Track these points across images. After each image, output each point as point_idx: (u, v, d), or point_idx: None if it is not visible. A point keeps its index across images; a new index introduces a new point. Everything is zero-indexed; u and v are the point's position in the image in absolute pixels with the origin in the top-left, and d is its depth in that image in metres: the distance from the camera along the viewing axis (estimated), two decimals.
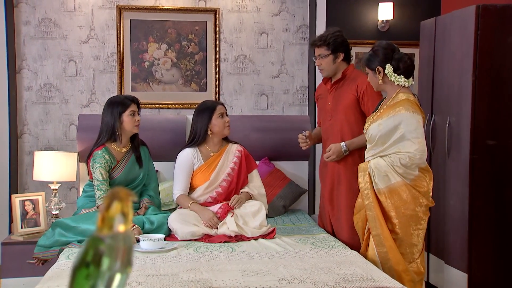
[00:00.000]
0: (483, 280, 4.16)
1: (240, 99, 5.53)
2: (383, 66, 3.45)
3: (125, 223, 0.71)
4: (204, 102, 4.15)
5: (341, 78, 3.98)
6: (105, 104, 4.01)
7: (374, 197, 3.41)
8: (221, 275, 2.93)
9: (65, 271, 3.05)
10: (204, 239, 3.74)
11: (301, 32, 5.58)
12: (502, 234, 4.17)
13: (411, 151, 3.31)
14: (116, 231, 0.70)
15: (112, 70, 5.38)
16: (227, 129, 4.04)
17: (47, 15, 5.27)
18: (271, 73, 5.57)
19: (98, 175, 3.80)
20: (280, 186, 4.59)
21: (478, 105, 4.09)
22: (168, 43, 5.43)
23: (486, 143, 4.11)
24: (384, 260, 3.37)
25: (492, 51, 4.10)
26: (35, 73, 5.28)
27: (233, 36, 5.51)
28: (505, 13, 4.11)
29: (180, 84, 5.47)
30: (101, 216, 0.69)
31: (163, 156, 4.48)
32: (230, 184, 4.03)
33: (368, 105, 3.87)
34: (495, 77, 4.11)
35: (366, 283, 2.80)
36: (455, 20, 4.33)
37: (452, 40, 4.33)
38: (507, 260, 4.19)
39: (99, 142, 3.93)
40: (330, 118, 4.02)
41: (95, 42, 5.35)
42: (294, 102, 5.58)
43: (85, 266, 0.67)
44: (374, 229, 3.40)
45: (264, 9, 5.53)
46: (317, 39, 4.00)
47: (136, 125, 3.93)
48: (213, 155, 4.06)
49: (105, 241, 0.68)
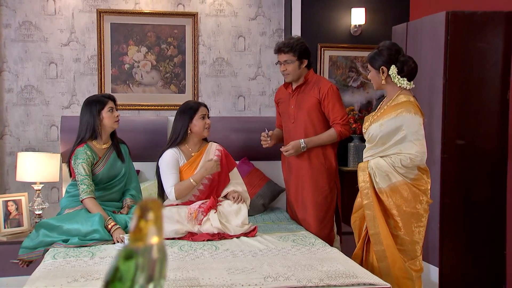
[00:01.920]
0: (453, 274, 4.19)
1: (218, 100, 5.48)
2: (387, 67, 3.35)
3: (158, 234, 0.67)
4: (187, 102, 4.09)
5: (303, 83, 4.08)
6: (83, 105, 3.92)
7: (374, 196, 3.33)
8: (207, 273, 2.89)
9: (52, 271, 2.96)
10: (188, 237, 3.69)
11: (277, 36, 5.55)
12: (471, 230, 4.20)
13: (412, 153, 3.24)
14: (149, 243, 0.66)
15: (93, 72, 5.28)
16: (206, 131, 3.99)
17: (27, 18, 5.15)
18: (248, 75, 5.54)
19: (81, 170, 3.71)
20: (260, 185, 4.56)
21: (449, 107, 4.12)
22: (147, 46, 5.35)
23: (455, 143, 4.14)
24: (380, 258, 3.30)
25: (462, 55, 4.13)
26: (16, 75, 5.15)
27: (211, 40, 5.45)
28: (472, 19, 4.14)
29: (159, 86, 5.40)
30: (134, 228, 0.64)
31: (145, 156, 4.41)
32: (212, 182, 3.99)
33: (328, 107, 4.01)
34: (464, 80, 4.14)
35: (348, 280, 2.78)
36: (426, 26, 4.35)
37: (423, 44, 4.34)
38: (476, 254, 4.22)
39: (79, 141, 3.84)
40: (293, 120, 4.10)
41: (75, 45, 5.24)
42: (270, 104, 5.55)
43: (119, 280, 0.63)
44: (372, 228, 3.32)
45: (241, 14, 5.48)
46: (284, 45, 4.02)
47: (116, 120, 3.86)
48: (194, 154, 4.01)
49: (138, 253, 0.64)
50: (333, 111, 3.98)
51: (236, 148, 4.50)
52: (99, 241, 3.51)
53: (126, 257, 0.63)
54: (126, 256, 0.63)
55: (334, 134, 3.98)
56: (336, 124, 3.98)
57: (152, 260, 0.65)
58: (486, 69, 4.16)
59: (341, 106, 4.02)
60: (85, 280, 2.79)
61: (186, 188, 3.87)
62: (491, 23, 4.15)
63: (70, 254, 3.30)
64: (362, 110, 5.46)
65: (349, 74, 5.46)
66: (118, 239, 3.52)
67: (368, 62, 3.44)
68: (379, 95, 5.46)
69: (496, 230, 4.23)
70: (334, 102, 3.98)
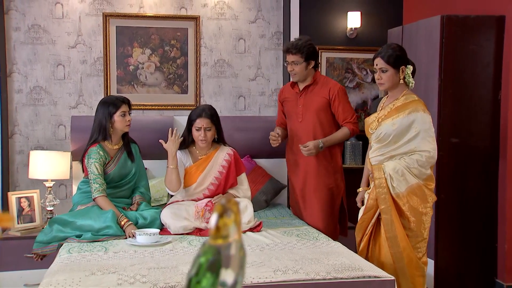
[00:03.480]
0: (448, 266, 4.24)
1: (219, 100, 5.50)
2: (406, 66, 3.32)
3: (237, 233, 0.69)
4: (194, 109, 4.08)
5: (312, 83, 4.05)
6: (98, 104, 3.93)
7: (391, 201, 3.25)
8: None
9: (69, 265, 2.98)
10: (195, 232, 3.71)
11: (276, 38, 5.58)
12: (465, 225, 4.26)
13: (428, 150, 3.21)
14: (231, 240, 0.68)
15: (99, 74, 5.28)
16: (201, 142, 3.95)
17: (36, 22, 5.14)
18: (248, 76, 5.55)
19: (93, 169, 3.73)
20: (262, 182, 4.59)
21: (443, 107, 4.16)
22: (151, 48, 5.36)
23: (450, 141, 4.19)
24: (398, 260, 3.26)
25: (456, 57, 4.18)
26: (25, 76, 5.14)
27: (212, 42, 5.47)
28: (466, 23, 4.19)
29: (163, 87, 5.41)
30: (215, 227, 0.67)
31: (152, 155, 4.42)
32: (218, 188, 3.97)
33: (339, 107, 3.99)
34: (458, 81, 4.19)
35: (354, 273, 2.81)
36: (421, 29, 4.39)
37: (419, 46, 4.39)
38: (469, 248, 4.28)
39: (92, 140, 3.86)
40: (301, 119, 4.06)
41: (82, 47, 5.24)
42: (269, 103, 5.58)
43: (203, 275, 0.65)
44: (389, 231, 3.26)
45: (241, 17, 5.50)
46: (292, 46, 3.99)
47: (127, 124, 3.87)
48: (201, 157, 4.01)
49: (221, 250, 0.66)
50: (344, 111, 3.99)
51: (239, 146, 4.51)
52: (111, 236, 3.53)
53: (208, 254, 0.66)
54: (209, 253, 0.66)
55: (348, 132, 3.99)
56: (347, 123, 3.98)
57: (233, 257, 0.67)
58: (478, 71, 4.21)
59: (350, 106, 4.05)
60: (102, 273, 2.81)
61: (169, 176, 3.86)
62: (483, 26, 4.20)
63: (84, 249, 3.32)
64: (358, 110, 5.49)
65: (345, 75, 5.49)
66: (130, 235, 3.54)
67: (387, 60, 3.29)
68: (374, 96, 5.49)
69: (488, 224, 4.28)
70: (345, 102, 4.00)
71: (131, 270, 2.85)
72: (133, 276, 2.75)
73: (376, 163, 3.38)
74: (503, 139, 4.20)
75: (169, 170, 3.86)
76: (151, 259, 3.09)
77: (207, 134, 3.91)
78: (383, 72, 3.33)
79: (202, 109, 3.97)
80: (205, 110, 3.96)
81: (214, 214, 0.68)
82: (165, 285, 2.65)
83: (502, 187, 4.23)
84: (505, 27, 4.18)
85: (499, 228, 4.27)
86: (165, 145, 3.88)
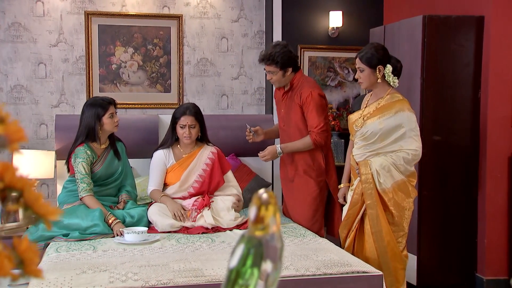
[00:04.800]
0: (430, 261, 4.32)
1: (202, 99, 5.51)
2: (384, 66, 3.35)
3: (277, 224, 0.72)
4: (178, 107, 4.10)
5: (290, 88, 3.98)
6: (84, 106, 3.92)
7: (377, 196, 3.31)
8: (209, 264, 2.93)
9: (59, 264, 2.97)
10: (183, 230, 3.72)
11: (259, 37, 5.61)
12: (446, 221, 4.34)
13: (415, 148, 3.29)
14: (271, 232, 0.71)
15: (81, 72, 5.25)
16: (185, 139, 3.98)
17: (16, 20, 5.09)
18: (231, 75, 5.58)
19: (81, 169, 3.73)
20: (247, 180, 4.61)
21: (425, 105, 4.24)
22: (134, 47, 5.35)
23: (432, 139, 4.27)
24: (382, 254, 3.32)
25: (437, 57, 4.25)
26: (6, 75, 5.09)
27: (195, 41, 5.48)
28: (447, 22, 4.27)
29: (146, 86, 5.40)
30: (255, 218, 0.69)
31: (137, 154, 4.41)
32: (202, 185, 3.97)
33: (306, 114, 3.87)
34: (440, 80, 4.27)
35: (343, 268, 2.86)
36: (403, 28, 4.46)
37: (401, 46, 4.46)
38: (450, 243, 4.36)
39: (79, 141, 3.85)
40: (283, 124, 4.07)
41: (64, 45, 5.21)
42: (252, 102, 5.61)
43: (244, 266, 0.67)
44: (375, 226, 3.32)
45: (224, 16, 5.52)
46: (266, 57, 3.87)
47: (115, 125, 3.88)
48: (185, 156, 4.03)
49: (263, 242, 0.69)
50: (309, 119, 3.85)
51: (224, 144, 4.53)
52: (99, 234, 3.53)
53: (250, 245, 0.68)
54: (250, 244, 0.68)
55: (309, 141, 3.84)
56: (311, 132, 3.83)
57: (273, 249, 0.70)
58: (459, 70, 4.29)
59: (318, 114, 3.82)
60: (93, 272, 2.81)
61: (155, 198, 3.93)
62: (463, 26, 4.29)
63: (73, 248, 3.31)
64: (340, 108, 5.56)
65: (327, 74, 5.55)
66: (118, 233, 3.54)
67: (363, 61, 3.35)
68: (355, 94, 5.56)
69: (468, 220, 4.37)
70: (312, 109, 3.81)
71: (122, 268, 2.86)
72: (124, 274, 2.76)
73: (361, 160, 3.43)
74: (483, 137, 4.29)
75: (158, 199, 3.91)
76: (141, 257, 3.10)
77: (191, 131, 3.94)
78: (361, 72, 3.40)
79: (186, 107, 4.00)
80: (189, 108, 3.99)
81: (253, 206, 0.71)
82: (157, 283, 2.67)
83: (482, 184, 4.33)
84: (484, 27, 4.27)
85: (479, 224, 4.36)
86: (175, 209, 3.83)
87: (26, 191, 0.72)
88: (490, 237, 4.30)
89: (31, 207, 0.73)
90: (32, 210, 0.73)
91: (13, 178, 0.72)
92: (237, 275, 0.67)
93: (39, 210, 0.72)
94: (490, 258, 4.31)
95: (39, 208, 0.72)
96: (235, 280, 0.67)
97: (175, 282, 2.68)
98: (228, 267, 0.69)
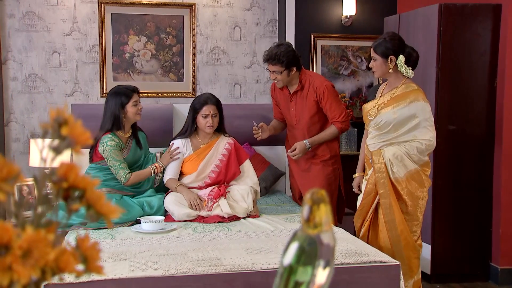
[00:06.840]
0: (444, 250, 4.32)
1: (215, 88, 5.51)
2: (396, 56, 3.34)
3: (330, 222, 0.72)
4: (197, 98, 4.10)
5: (300, 88, 4.02)
6: (109, 95, 3.95)
7: (390, 185, 3.32)
8: (227, 253, 2.95)
9: None
10: (199, 219, 3.74)
11: (271, 26, 5.59)
12: (461, 210, 4.34)
13: (427, 138, 3.29)
14: (324, 230, 0.71)
15: (95, 61, 5.26)
16: (208, 128, 3.98)
17: (31, 9, 5.10)
18: (243, 64, 5.57)
19: (114, 157, 3.77)
20: (261, 169, 4.62)
21: (441, 94, 4.22)
22: (147, 36, 5.34)
23: (447, 128, 4.25)
24: (395, 243, 3.34)
25: (453, 46, 4.23)
26: (21, 64, 5.11)
27: (208, 29, 5.47)
28: (464, 11, 4.24)
29: (159, 74, 5.40)
30: (307, 217, 0.70)
31: (152, 143, 4.43)
32: (218, 175, 3.99)
33: (326, 107, 3.97)
34: (456, 69, 4.25)
35: (361, 258, 2.87)
36: (419, 17, 4.43)
37: (416, 35, 4.43)
38: (464, 232, 4.36)
39: (104, 129, 3.86)
40: (295, 122, 4.10)
41: (77, 34, 5.22)
42: (265, 91, 5.60)
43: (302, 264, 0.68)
44: (388, 215, 3.34)
45: (236, 4, 5.50)
46: (271, 57, 3.92)
47: (138, 113, 3.90)
48: (202, 146, 4.04)
49: (317, 240, 0.70)
50: (331, 110, 3.96)
51: (238, 134, 4.54)
52: (117, 223, 3.56)
53: (304, 243, 0.69)
54: (305, 241, 0.69)
55: (336, 131, 4.00)
56: (336, 122, 3.98)
57: (327, 246, 0.70)
58: (475, 59, 4.27)
59: (338, 104, 3.99)
60: (114, 260, 2.83)
61: (172, 187, 3.94)
62: (480, 15, 4.26)
63: (91, 236, 3.33)
64: (353, 97, 5.54)
65: (340, 63, 5.53)
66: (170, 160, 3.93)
67: (376, 50, 3.36)
68: (369, 83, 5.54)
69: (483, 209, 4.37)
70: (331, 101, 3.94)
71: (141, 257, 2.88)
72: (144, 263, 2.78)
73: (374, 150, 3.43)
74: (499, 126, 4.28)
75: (174, 188, 3.92)
76: (159, 246, 3.12)
77: (214, 120, 3.95)
78: (374, 61, 3.42)
79: (207, 97, 4.03)
80: (209, 97, 4.02)
81: (305, 205, 0.71)
82: (176, 272, 2.69)
83: (497, 173, 4.32)
84: (502, 16, 4.24)
85: (494, 213, 4.36)
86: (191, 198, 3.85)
87: (88, 191, 0.73)
88: (505, 227, 4.29)
89: (93, 206, 0.74)
90: (95, 209, 0.74)
91: (76, 178, 0.73)
92: (290, 272, 0.68)
93: (101, 209, 0.74)
94: (504, 248, 4.31)
95: (101, 207, 0.74)
96: (288, 277, 0.67)
97: (194, 271, 2.70)
98: (282, 264, 0.70)
